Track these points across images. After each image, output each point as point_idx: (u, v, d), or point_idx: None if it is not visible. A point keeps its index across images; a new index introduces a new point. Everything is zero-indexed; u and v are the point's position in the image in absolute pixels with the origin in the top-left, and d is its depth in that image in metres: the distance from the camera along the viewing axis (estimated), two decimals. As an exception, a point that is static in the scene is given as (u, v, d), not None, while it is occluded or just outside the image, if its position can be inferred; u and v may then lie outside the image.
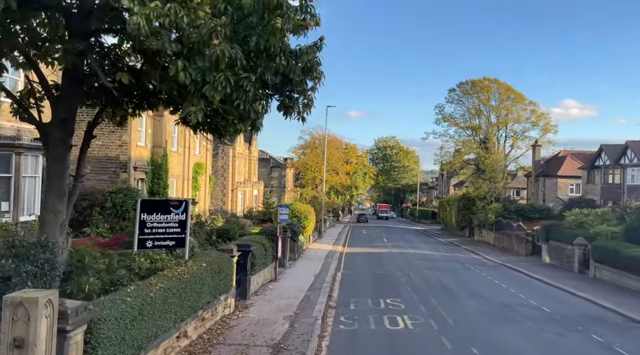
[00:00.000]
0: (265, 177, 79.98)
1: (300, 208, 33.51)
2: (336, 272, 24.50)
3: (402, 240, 46.06)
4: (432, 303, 17.07)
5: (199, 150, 40.29)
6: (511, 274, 25.71)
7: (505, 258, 32.64)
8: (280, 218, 20.50)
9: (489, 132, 57.41)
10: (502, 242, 39.76)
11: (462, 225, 52.52)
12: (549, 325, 14.37)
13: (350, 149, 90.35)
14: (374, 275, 23.87)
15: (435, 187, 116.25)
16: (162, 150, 31.64)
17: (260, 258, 17.98)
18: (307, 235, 35.10)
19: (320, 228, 47.40)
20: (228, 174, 51.94)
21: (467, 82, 66.11)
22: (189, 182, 37.13)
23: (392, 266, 27.28)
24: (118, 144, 29.03)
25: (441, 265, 28.37)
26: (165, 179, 31.77)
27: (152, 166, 31.20)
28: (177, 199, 14.51)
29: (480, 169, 51.14)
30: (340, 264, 27.60)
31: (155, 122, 31.46)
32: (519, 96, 62.57)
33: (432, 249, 38.69)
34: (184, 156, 36.09)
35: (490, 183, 47.71)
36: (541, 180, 58.11)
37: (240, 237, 19.69)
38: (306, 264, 26.67)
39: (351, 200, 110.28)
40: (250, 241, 17.63)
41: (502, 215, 40.83)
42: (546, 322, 14.83)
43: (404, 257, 31.76)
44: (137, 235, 12.22)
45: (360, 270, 25.39)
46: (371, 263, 28.77)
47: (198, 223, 20.96)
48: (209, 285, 11.64)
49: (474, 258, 33.17)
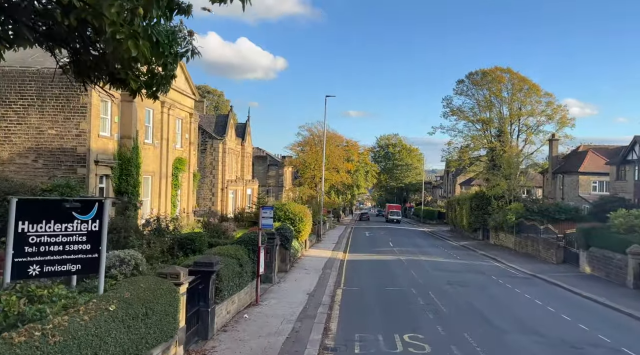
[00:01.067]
0: (262, 175, 75.31)
1: (295, 209, 28.82)
2: (335, 288, 19.80)
3: (410, 244, 41.32)
4: (467, 342, 12.34)
5: (181, 144, 35.56)
6: (552, 291, 20.97)
7: (533, 267, 27.92)
8: (263, 223, 15.79)
9: (503, 124, 52.55)
10: (524, 247, 35.04)
11: (475, 226, 47.79)
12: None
13: (351, 146, 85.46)
14: (383, 293, 19.15)
15: (439, 186, 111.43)
16: (133, 141, 26.96)
17: (232, 278, 13.27)
18: (302, 240, 30.41)
19: (319, 231, 42.70)
20: (217, 172, 47.26)
21: (477, 73, 61.24)
22: (168, 179, 32.42)
23: (404, 279, 22.58)
24: (75, 134, 24.33)
25: (463, 277, 23.66)
26: (136, 175, 27.08)
27: (120, 160, 26.53)
28: (84, 198, 9.77)
29: (496, 164, 46.30)
30: (341, 277, 22.91)
31: (124, 109, 26.78)
32: (534, 87, 57.63)
33: (445, 255, 33.95)
34: (161, 149, 31.39)
35: (508, 180, 42.92)
36: (559, 178, 53.34)
37: (209, 249, 14.97)
38: (299, 277, 21.97)
39: (352, 200, 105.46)
40: (218, 255, 12.93)
41: (524, 216, 36.09)
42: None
43: (416, 267, 27.04)
44: (12, 257, 7.58)
45: (365, 286, 20.67)
46: (378, 275, 24.06)
47: (156, 230, 16.28)
48: (119, 342, 6.92)
49: (497, 267, 28.46)
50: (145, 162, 29.27)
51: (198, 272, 11.10)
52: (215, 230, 23.47)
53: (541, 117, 57.36)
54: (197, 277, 10.83)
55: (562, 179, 51.92)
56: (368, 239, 46.59)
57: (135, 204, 27.06)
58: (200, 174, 47.02)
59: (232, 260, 13.62)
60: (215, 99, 71.33)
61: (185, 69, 34.65)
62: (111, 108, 25.92)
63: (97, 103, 24.40)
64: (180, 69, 34.28)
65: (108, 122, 25.84)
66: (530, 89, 57.05)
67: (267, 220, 15.75)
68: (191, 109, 36.83)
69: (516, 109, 56.83)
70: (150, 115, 30.15)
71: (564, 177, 51.36)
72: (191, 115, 36.89)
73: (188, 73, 35.16)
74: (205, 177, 47.09)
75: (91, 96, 23.97)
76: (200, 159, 46.88)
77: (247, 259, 15.10)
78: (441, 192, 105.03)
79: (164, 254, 14.38)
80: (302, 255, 29.78)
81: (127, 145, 26.74)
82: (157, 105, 30.60)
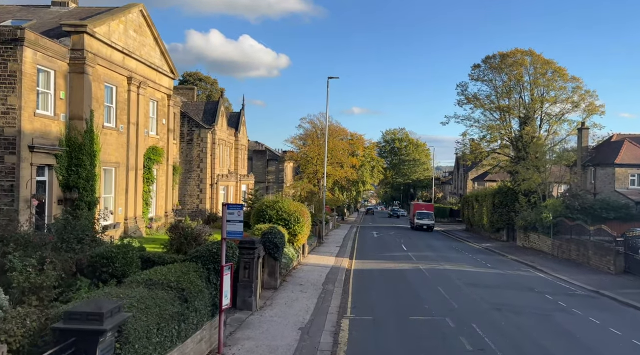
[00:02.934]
0: (261, 171, 69.80)
1: (289, 207, 23.26)
2: (340, 317, 14.27)
3: (426, 248, 35.69)
4: None
5: (157, 131, 30.04)
6: (638, 318, 15.33)
7: (586, 278, 22.33)
8: (229, 229, 10.21)
9: (529, 110, 46.75)
10: (566, 252, 29.33)
11: (498, 226, 42.14)
12: None
13: (356, 140, 79.66)
14: (408, 327, 13.60)
15: (449, 182, 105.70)
16: (86, 124, 21.47)
17: (159, 331, 7.63)
18: (299, 245, 24.87)
19: (320, 231, 37.16)
20: (206, 165, 41.73)
21: (495, 56, 55.35)
22: (138, 172, 26.92)
23: (432, 301, 17.02)
24: (1, 111, 18.83)
25: (508, 297, 18.05)
26: (90, 166, 21.58)
27: (68, 147, 21.05)
28: None
29: (521, 156, 40.53)
30: (347, 297, 17.36)
31: (74, 82, 21.26)
32: (560, 71, 51.60)
33: (472, 262, 28.29)
34: (128, 136, 25.89)
35: (542, 173, 37.20)
36: (590, 171, 47.49)
37: (134, 274, 9.36)
38: (292, 297, 16.45)
39: (357, 197, 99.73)
40: (144, 285, 7.50)
41: (564, 215, 30.42)
42: None
43: (442, 279, 21.47)
44: None
45: (380, 313, 15.13)
46: (395, 293, 18.53)
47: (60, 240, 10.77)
48: None
49: (542, 279, 22.82)
50: (106, 150, 23.79)
51: (73, 333, 5.60)
52: (184, 236, 17.96)
53: (566, 105, 51.60)
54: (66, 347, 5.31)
55: (594, 172, 46.11)
56: (377, 241, 40.99)
57: (90, 202, 21.65)
58: (187, 167, 41.56)
59: (164, 294, 8.07)
60: (209, 88, 65.68)
61: (161, 40, 29.11)
62: (55, 80, 20.42)
63: (31, 71, 18.89)
64: (154, 40, 28.71)
65: (50, 98, 20.35)
66: (554, 73, 51.22)
67: (235, 226, 10.18)
68: (169, 90, 31.30)
69: (538, 95, 51.12)
70: (113, 93, 24.64)
71: (597, 169, 45.56)
72: (169, 97, 31.37)
73: (164, 46, 29.62)
74: (192, 171, 41.64)
75: (22, 62, 18.46)
76: (186, 151, 41.42)
77: (200, 287, 9.57)
78: (451, 188, 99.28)
79: (66, 280, 8.91)
80: (299, 264, 24.26)
81: (79, 129, 21.26)
82: (121, 81, 25.11)
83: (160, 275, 8.83)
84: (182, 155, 40.88)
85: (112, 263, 9.46)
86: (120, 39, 24.58)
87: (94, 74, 22.12)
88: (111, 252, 9.63)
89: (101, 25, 22.60)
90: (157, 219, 29.66)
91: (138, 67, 26.46)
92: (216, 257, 10.62)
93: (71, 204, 20.91)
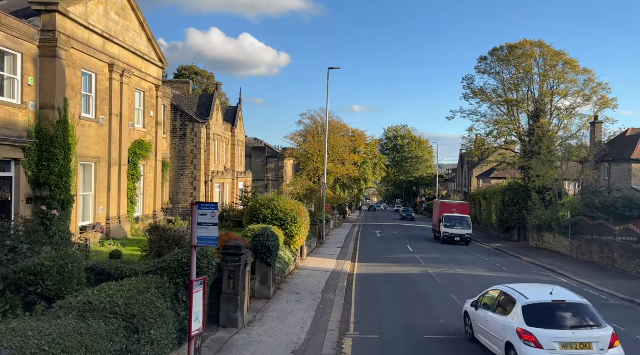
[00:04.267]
0: (260, 168, 67.66)
1: (286, 206, 21.09)
2: (341, 336, 12.10)
3: (433, 249, 33.46)
4: None
5: (143, 124, 27.87)
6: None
7: (615, 284, 20.12)
8: (200, 236, 7.99)
9: (541, 103, 44.48)
10: (587, 254, 27.07)
11: (509, 225, 39.88)
12: None
13: (358, 137, 77.37)
14: (424, 349, 11.44)
15: (452, 179, 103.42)
16: (59, 113, 19.28)
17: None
18: (296, 247, 22.69)
19: (321, 231, 34.98)
20: (200, 161, 39.52)
21: (503, 48, 53.15)
22: (122, 168, 24.75)
23: (447, 313, 14.83)
24: (-43, 97, 16.65)
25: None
26: (64, 161, 19.37)
27: (39, 139, 18.88)
28: None
29: (535, 150, 38.21)
30: (350, 309, 15.18)
31: (44, 67, 19.06)
32: (571, 62, 49.30)
33: (485, 265, 26.07)
34: (110, 128, 23.72)
35: (558, 169, 34.94)
36: (604, 167, 45.20)
37: (72, 294, 7.15)
38: (286, 309, 14.26)
39: (359, 195, 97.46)
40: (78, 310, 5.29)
41: (583, 214, 28.17)
42: None
43: (455, 286, 19.28)
44: None
45: (388, 330, 12.97)
46: (405, 303, 16.34)
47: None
48: None
49: (567, 285, 20.50)
50: (85, 143, 21.65)
51: None
52: (165, 239, 15.88)
53: (578, 98, 49.31)
54: None
55: (609, 168, 43.82)
56: (380, 241, 38.78)
57: (64, 200, 19.47)
58: (179, 164, 39.40)
59: (101, 326, 5.87)
60: (205, 82, 63.37)
61: (148, 26, 26.90)
62: (22, 64, 18.23)
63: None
64: (140, 25, 26.50)
65: (17, 85, 18.16)
66: (565, 65, 48.93)
67: (208, 230, 7.95)
68: (158, 80, 29.10)
69: (548, 88, 48.84)
70: (92, 81, 22.45)
71: (612, 165, 43.27)
72: (158, 88, 29.18)
73: (151, 32, 27.40)
74: (185, 167, 39.47)
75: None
76: (179, 147, 39.26)
77: (161, 310, 7.40)
78: (455, 186, 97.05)
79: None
80: (296, 268, 22.09)
81: (50, 119, 19.08)
82: (102, 68, 22.93)
83: (104, 297, 6.67)
84: (175, 151, 38.73)
85: (41, 281, 7.31)
86: (100, 22, 22.38)
87: (68, 58, 19.94)
88: (41, 267, 7.45)
89: (77, 5, 20.39)
90: (144, 219, 27.51)
91: (121, 54, 24.27)
92: (187, 268, 8.49)
93: (42, 203, 18.78)
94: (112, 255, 15.44)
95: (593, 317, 9.67)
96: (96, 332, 5.68)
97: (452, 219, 37.74)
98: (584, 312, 9.78)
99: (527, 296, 10.05)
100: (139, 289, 7.46)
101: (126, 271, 8.83)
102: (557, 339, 9.09)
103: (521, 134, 48.19)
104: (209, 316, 11.77)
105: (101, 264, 9.10)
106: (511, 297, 10.30)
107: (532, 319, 9.46)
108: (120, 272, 8.86)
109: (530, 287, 11.51)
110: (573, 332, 9.23)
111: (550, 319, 9.46)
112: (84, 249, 17.95)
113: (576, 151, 39.53)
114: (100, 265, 9.00)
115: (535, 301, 9.84)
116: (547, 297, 9.97)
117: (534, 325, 9.33)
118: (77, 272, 7.88)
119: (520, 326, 9.42)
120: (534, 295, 10.21)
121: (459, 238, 36.61)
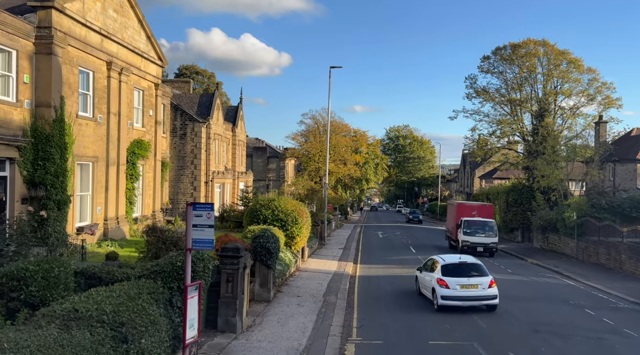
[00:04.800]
0: (262, 168, 67.24)
1: (287, 206, 20.67)
2: (344, 342, 11.69)
3: (436, 250, 32.87)
4: None
5: (143, 123, 27.46)
6: None
7: (623, 286, 19.67)
8: (195, 238, 7.59)
9: (542, 103, 44.03)
10: (593, 255, 26.58)
11: (512, 226, 39.42)
12: None
13: (360, 137, 77.04)
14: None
15: (454, 179, 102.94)
16: (55, 112, 18.87)
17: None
18: (297, 249, 22.26)
19: (322, 232, 34.55)
20: (200, 161, 39.13)
21: (506, 47, 52.66)
22: (121, 168, 24.34)
23: (453, 317, 14.37)
24: (-50, 95, 16.26)
25: (544, 313, 15.31)
26: (60, 160, 18.95)
27: (34, 138, 18.47)
28: None
29: (540, 150, 37.74)
30: (352, 312, 14.76)
31: (40, 64, 18.65)
32: (575, 62, 48.86)
33: (491, 268, 25.14)
34: (108, 127, 23.32)
35: (563, 168, 34.50)
36: (609, 167, 44.69)
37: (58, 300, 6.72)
38: (287, 313, 13.85)
39: (361, 195, 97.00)
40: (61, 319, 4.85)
41: (589, 214, 27.70)
42: None
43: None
44: None
45: (393, 334, 12.54)
46: (409, 307, 15.91)
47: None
48: None
49: (573, 288, 20.15)
50: (82, 142, 21.24)
51: None
52: (163, 240, 15.45)
53: (582, 98, 48.83)
54: None
55: (614, 168, 43.30)
56: (383, 242, 38.35)
57: (60, 201, 19.07)
58: (179, 163, 39.02)
59: (85, 336, 5.45)
60: (206, 81, 62.97)
61: (147, 24, 26.50)
62: (17, 61, 17.84)
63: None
64: (139, 22, 26.09)
65: (12, 82, 17.76)
66: (570, 64, 48.45)
67: (203, 233, 7.52)
68: (157, 79, 28.70)
69: (552, 88, 48.37)
70: (90, 79, 22.05)
71: (616, 165, 42.76)
72: (157, 87, 28.77)
73: (151, 30, 27.00)
74: (185, 167, 39.09)
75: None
76: (179, 146, 38.89)
77: (153, 317, 6.96)
78: (457, 186, 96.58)
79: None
80: (297, 270, 21.67)
81: (46, 117, 18.68)
82: (100, 66, 22.52)
83: (92, 304, 6.25)
84: (175, 150, 38.35)
85: (25, 286, 6.91)
86: (98, 19, 21.98)
87: (65, 56, 19.54)
88: (25, 271, 7.04)
89: (73, 1, 19.98)
90: (143, 219, 27.08)
91: (120, 52, 23.87)
92: (181, 272, 8.06)
93: (38, 203, 18.39)
94: (108, 256, 15.02)
95: (481, 271, 15.54)
96: (79, 343, 5.26)
97: (473, 225, 30.63)
98: (476, 268, 15.71)
99: (445, 260, 16.17)
100: (130, 294, 7.04)
101: (118, 275, 8.38)
102: (458, 282, 14.89)
103: (524, 134, 47.76)
104: (206, 321, 11.37)
105: (92, 267, 8.68)
106: (436, 261, 16.22)
107: (445, 272, 15.30)
108: (111, 276, 8.43)
109: (448, 256, 17.61)
110: (468, 279, 15.05)
111: (456, 271, 15.33)
112: (80, 250, 17.60)
113: (581, 151, 39.11)
114: (91, 268, 8.57)
115: (449, 262, 15.91)
116: (456, 260, 16.21)
117: (446, 275, 15.14)
118: (64, 277, 7.47)
119: (439, 276, 15.21)
120: (449, 259, 16.36)
121: (482, 248, 29.59)
